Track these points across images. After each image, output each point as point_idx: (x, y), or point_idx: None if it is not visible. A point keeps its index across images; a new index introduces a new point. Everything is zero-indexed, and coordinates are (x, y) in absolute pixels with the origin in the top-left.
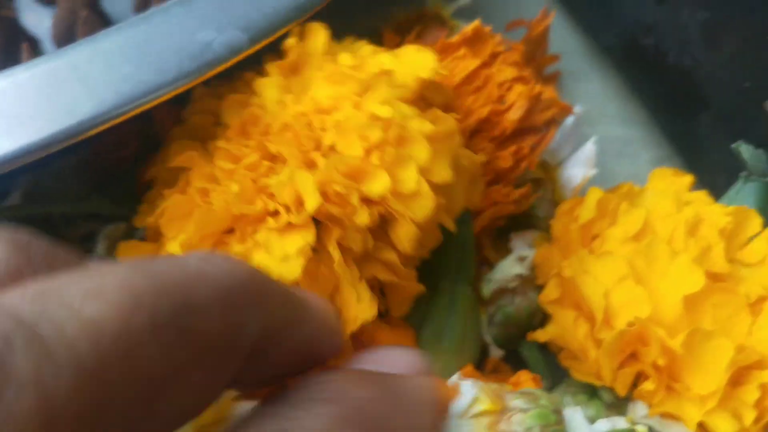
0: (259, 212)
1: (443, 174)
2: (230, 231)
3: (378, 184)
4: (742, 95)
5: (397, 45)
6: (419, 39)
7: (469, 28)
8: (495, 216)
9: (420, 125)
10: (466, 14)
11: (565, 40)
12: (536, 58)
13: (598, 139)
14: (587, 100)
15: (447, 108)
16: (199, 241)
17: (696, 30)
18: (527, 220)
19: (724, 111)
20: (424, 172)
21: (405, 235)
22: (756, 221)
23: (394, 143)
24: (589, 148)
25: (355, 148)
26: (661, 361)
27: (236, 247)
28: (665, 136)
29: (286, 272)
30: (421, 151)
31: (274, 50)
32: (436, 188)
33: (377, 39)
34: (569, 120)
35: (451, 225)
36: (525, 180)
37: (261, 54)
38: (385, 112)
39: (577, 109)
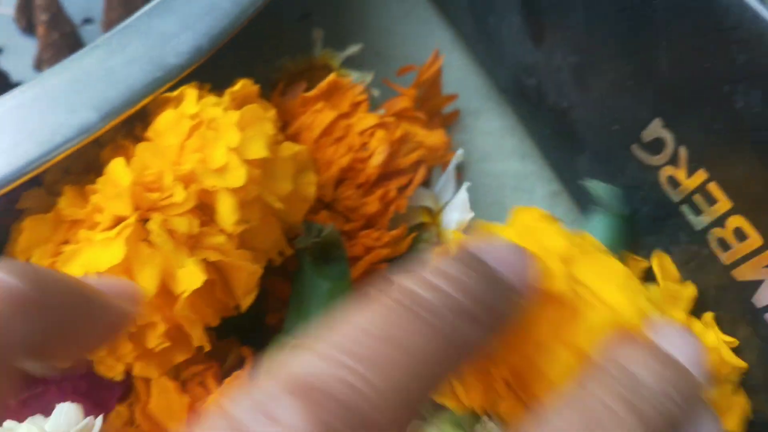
0: (87, 212)
1: (256, 151)
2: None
3: (188, 163)
4: (612, 138)
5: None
6: (284, 95)
7: (324, 82)
8: (372, 261)
9: (227, 115)
10: (356, 62)
11: (467, 79)
12: (431, 99)
13: (498, 173)
14: (487, 137)
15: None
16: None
17: (569, 73)
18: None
19: (599, 152)
20: (236, 151)
21: (225, 210)
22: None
23: (204, 130)
24: (462, 195)
25: (169, 139)
26: (510, 379)
27: (69, 248)
28: (556, 172)
29: (110, 258)
30: (230, 134)
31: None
32: (252, 163)
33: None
34: (451, 164)
35: (276, 203)
36: (411, 225)
37: None
38: (193, 109)
39: (459, 152)
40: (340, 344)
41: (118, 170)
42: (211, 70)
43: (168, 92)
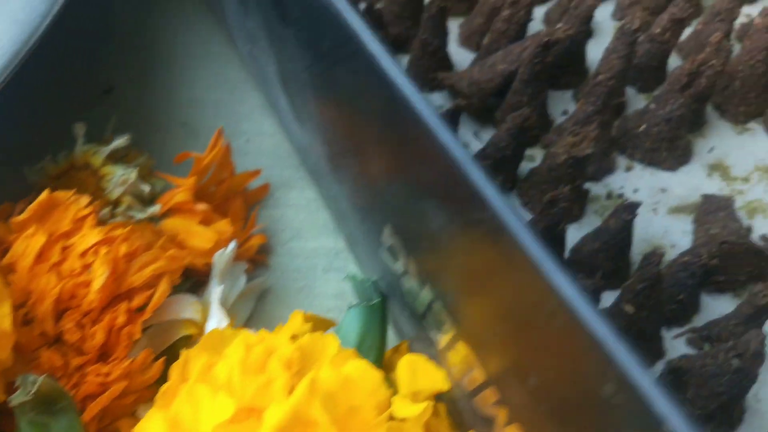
0: None
1: None
2: None
3: None
4: (367, 235)
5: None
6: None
7: (35, 202)
8: (111, 398)
9: None
10: (145, 144)
11: (280, 147)
12: (226, 180)
13: (309, 252)
14: (299, 211)
15: None
16: None
17: (324, 161)
18: None
19: (363, 244)
20: None
21: None
22: (333, 344)
23: None
24: (215, 301)
25: None
26: None
27: None
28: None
29: None
30: None
31: None
32: None
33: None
34: (217, 264)
35: None
36: (174, 340)
37: None
38: None
39: (231, 246)
40: None
41: None
42: None
43: None
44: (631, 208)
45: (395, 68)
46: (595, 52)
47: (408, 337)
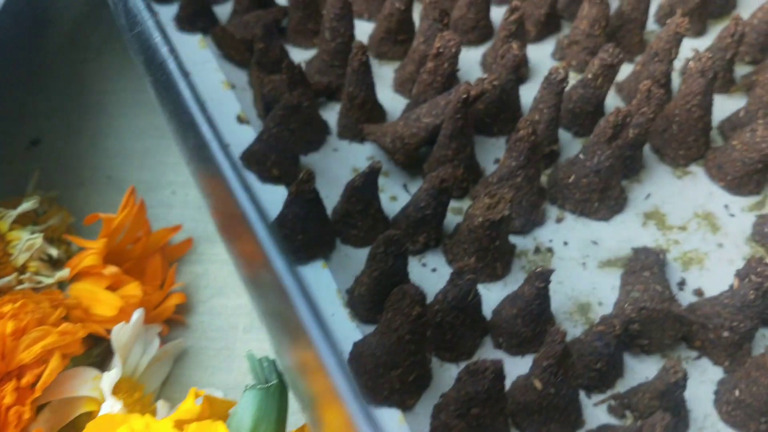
0: None
1: None
2: None
3: None
4: None
5: None
6: None
7: None
8: None
9: None
10: (68, 199)
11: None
12: (141, 239)
13: (231, 311)
14: (222, 266)
15: None
16: None
17: None
18: None
19: None
20: None
21: None
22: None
23: None
24: (107, 391)
25: None
26: None
27: None
28: None
29: None
30: None
31: None
32: None
33: None
34: (120, 332)
35: None
36: (74, 417)
37: None
38: None
39: (135, 316)
40: None
41: None
42: None
43: None
44: (544, 276)
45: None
46: (531, 94)
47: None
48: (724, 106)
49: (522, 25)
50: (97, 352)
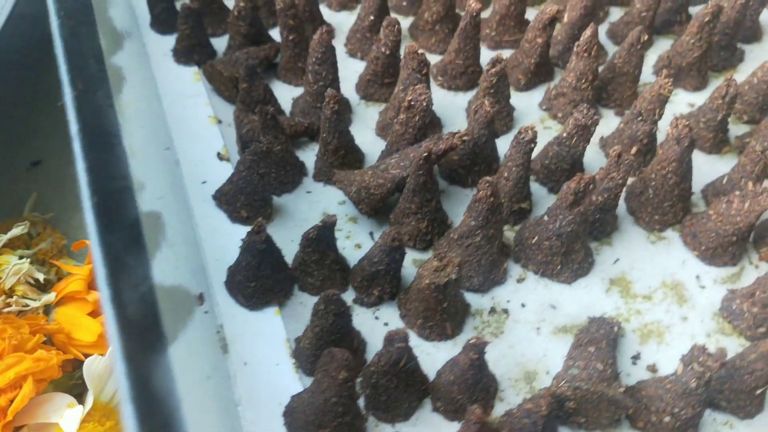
0: None
1: None
2: None
3: None
4: None
5: None
6: None
7: None
8: None
9: None
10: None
11: None
12: None
13: None
14: None
15: None
16: None
17: None
18: None
19: None
20: None
21: None
22: None
23: None
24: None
25: None
26: None
27: None
28: None
29: None
30: None
31: None
32: None
33: None
34: (92, 365)
35: None
36: None
37: None
38: None
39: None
40: None
41: None
42: None
43: None
44: (478, 348)
45: None
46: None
47: None
48: (714, 168)
49: (504, 77)
50: (79, 374)
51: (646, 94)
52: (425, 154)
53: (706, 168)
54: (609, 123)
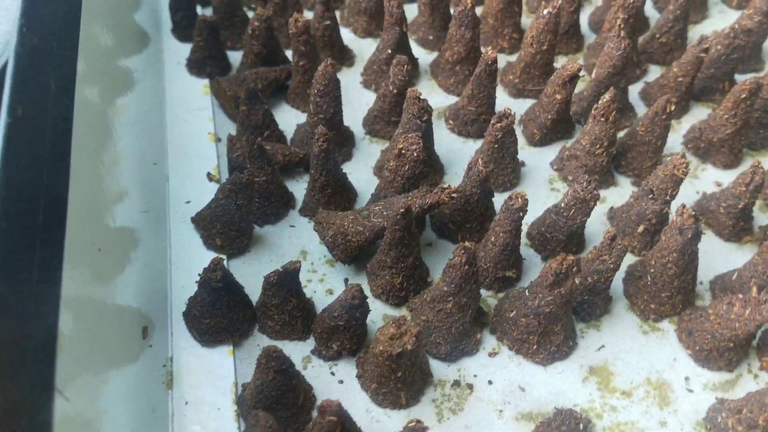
0: None
1: None
2: None
3: None
4: None
5: None
6: None
7: None
8: None
9: None
10: None
11: None
12: None
13: None
14: None
15: None
16: None
17: None
18: None
19: None
20: None
21: None
22: None
23: None
24: None
25: None
26: None
27: None
28: None
29: None
30: None
31: None
32: None
33: None
34: None
35: None
36: None
37: None
38: None
39: None
40: None
41: None
42: None
43: None
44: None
45: None
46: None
47: None
48: (731, 258)
49: (510, 132)
50: None
51: (659, 171)
52: (402, 210)
53: (722, 257)
54: (624, 192)
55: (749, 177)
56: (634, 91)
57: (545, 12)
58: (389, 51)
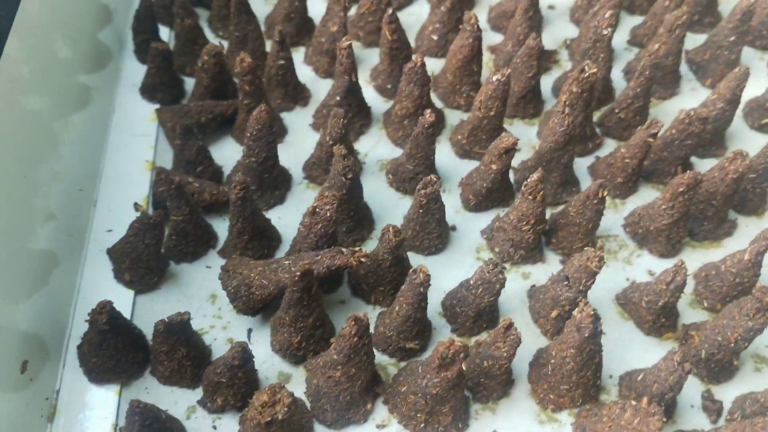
0: None
1: None
2: None
3: None
4: None
5: None
6: None
7: None
8: None
9: None
10: None
11: None
12: None
13: None
14: None
15: None
16: None
17: None
18: None
19: None
20: None
21: None
22: None
23: None
24: None
25: None
26: None
27: None
28: None
29: None
30: None
31: None
32: None
33: None
34: None
35: None
36: None
37: None
38: None
39: None
40: None
41: None
42: None
43: None
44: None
45: None
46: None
47: None
48: (648, 354)
49: (435, 199)
50: None
51: (576, 259)
52: (299, 273)
53: (639, 351)
54: (550, 270)
55: (671, 276)
56: (586, 163)
57: (494, 78)
58: (337, 98)
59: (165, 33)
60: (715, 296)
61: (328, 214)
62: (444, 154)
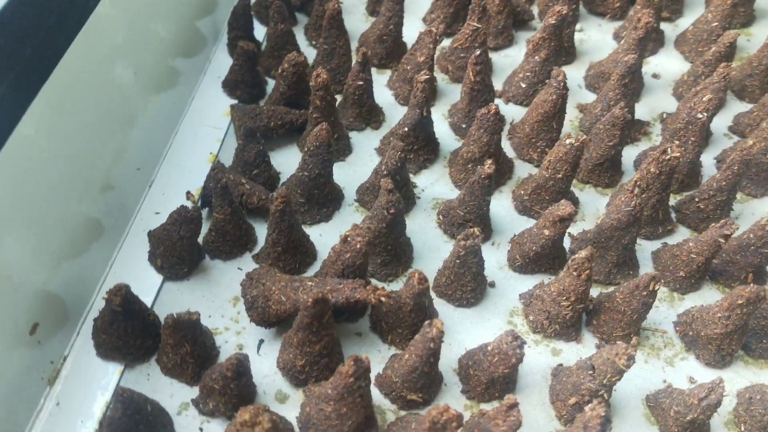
0: None
1: None
2: None
3: None
4: None
5: None
6: None
7: None
8: None
9: None
10: None
11: None
12: None
13: None
14: None
15: None
16: None
17: None
18: None
19: None
20: None
21: None
22: None
23: None
24: None
25: None
26: None
27: None
28: None
29: None
30: None
31: None
32: None
33: None
34: None
35: None
36: None
37: None
38: None
39: None
40: None
41: None
42: None
43: None
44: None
45: None
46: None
47: None
48: None
49: (474, 253)
50: None
51: (605, 350)
52: (312, 300)
53: None
54: (584, 353)
55: (705, 392)
56: (651, 247)
57: (567, 141)
58: (405, 129)
59: (261, 32)
60: (754, 423)
61: (358, 246)
62: (504, 205)
